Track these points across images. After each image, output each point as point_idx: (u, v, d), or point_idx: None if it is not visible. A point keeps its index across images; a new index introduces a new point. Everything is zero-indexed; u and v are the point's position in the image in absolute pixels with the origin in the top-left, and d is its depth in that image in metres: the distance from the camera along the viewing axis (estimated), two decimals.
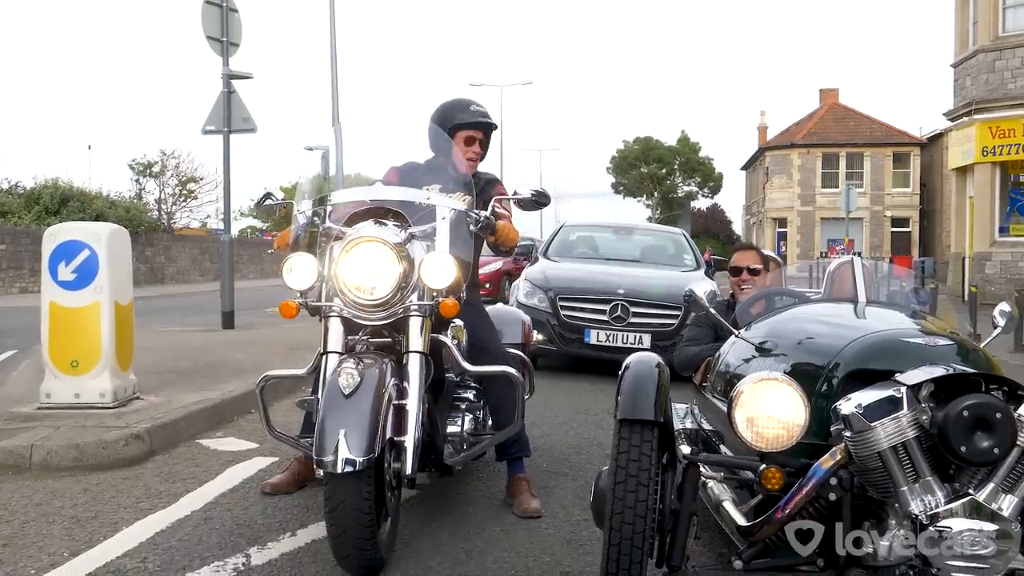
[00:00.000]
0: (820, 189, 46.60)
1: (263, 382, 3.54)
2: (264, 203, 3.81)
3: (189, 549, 3.25)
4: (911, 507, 2.34)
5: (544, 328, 8.20)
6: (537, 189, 3.86)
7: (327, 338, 3.30)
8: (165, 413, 5.22)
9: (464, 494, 4.17)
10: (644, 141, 63.39)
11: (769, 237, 49.44)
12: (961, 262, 21.52)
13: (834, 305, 3.51)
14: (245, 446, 5.00)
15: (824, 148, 46.64)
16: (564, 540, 3.49)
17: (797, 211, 47.43)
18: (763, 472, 2.45)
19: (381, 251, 3.22)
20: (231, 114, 11.46)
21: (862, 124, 47.28)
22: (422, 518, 3.73)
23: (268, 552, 3.24)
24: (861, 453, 2.37)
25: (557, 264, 9.59)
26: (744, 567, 2.56)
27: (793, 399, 2.44)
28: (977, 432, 2.26)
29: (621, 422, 2.47)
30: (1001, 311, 3.51)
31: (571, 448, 5.20)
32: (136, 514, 3.69)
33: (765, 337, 3.40)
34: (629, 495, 2.36)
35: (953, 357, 2.65)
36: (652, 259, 10.15)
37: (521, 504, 3.87)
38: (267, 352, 8.53)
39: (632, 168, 63.15)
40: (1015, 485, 2.32)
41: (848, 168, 46.25)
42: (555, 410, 6.46)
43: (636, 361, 2.69)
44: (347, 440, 2.82)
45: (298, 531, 3.48)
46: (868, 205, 45.42)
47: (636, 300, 8.29)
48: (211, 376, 6.81)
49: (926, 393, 2.38)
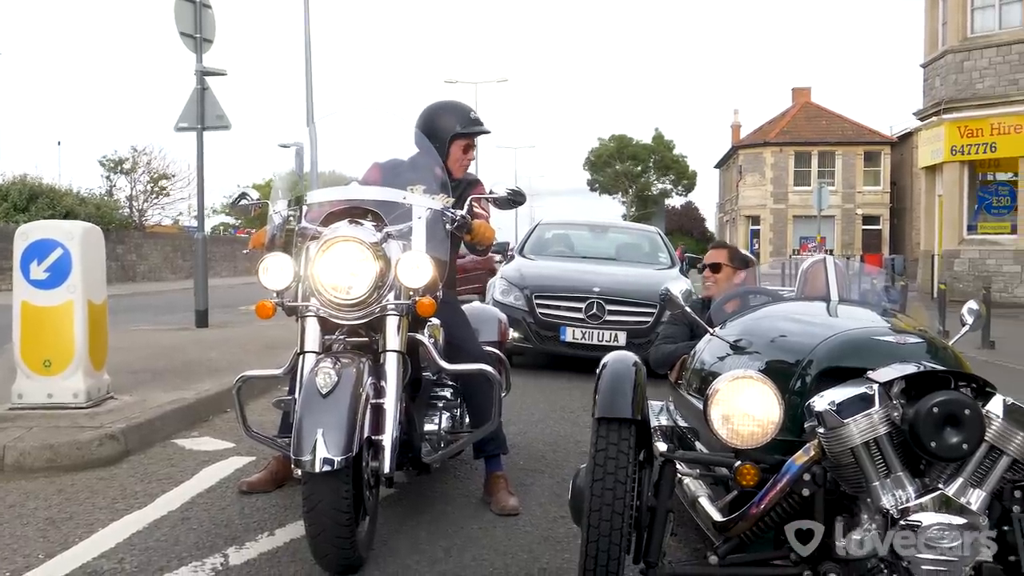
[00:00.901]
0: (792, 187, 46.92)
1: (240, 382, 3.54)
2: (239, 203, 3.81)
3: (166, 549, 3.25)
4: (883, 502, 2.38)
5: (520, 326, 8.25)
6: (513, 188, 3.88)
7: (304, 338, 3.30)
8: (140, 413, 5.19)
9: (442, 492, 4.18)
10: (619, 139, 63.77)
11: (742, 235, 49.73)
12: (930, 260, 21.80)
13: (807, 303, 3.56)
14: (221, 446, 4.98)
15: (796, 147, 46.95)
16: (542, 537, 3.52)
17: (770, 209, 47.73)
18: (738, 469, 2.49)
19: (357, 250, 3.23)
20: (204, 111, 11.40)
21: (834, 123, 47.66)
22: (400, 517, 3.75)
23: (246, 552, 3.24)
24: (834, 449, 2.41)
25: (533, 262, 9.62)
26: (720, 562, 2.59)
27: (768, 397, 2.48)
28: (947, 428, 2.30)
29: (599, 420, 2.49)
30: (969, 309, 3.57)
31: (548, 446, 5.23)
32: (112, 515, 3.67)
33: (739, 335, 3.45)
34: (607, 492, 2.39)
35: (923, 355, 2.70)
36: (627, 257, 10.20)
37: (499, 502, 3.89)
38: (242, 351, 8.50)
39: (607, 166, 63.49)
40: (983, 480, 2.36)
41: (820, 166, 46.60)
42: (531, 408, 6.49)
43: (614, 360, 2.72)
44: (325, 439, 2.83)
45: (276, 530, 3.48)
46: (840, 203, 45.76)
47: (612, 298, 8.34)
48: (186, 375, 6.77)
49: (897, 390, 2.43)
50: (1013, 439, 2.35)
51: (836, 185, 45.56)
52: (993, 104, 19.65)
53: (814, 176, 45.64)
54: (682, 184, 65.21)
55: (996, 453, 2.36)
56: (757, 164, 48.29)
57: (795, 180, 47.05)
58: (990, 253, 20.12)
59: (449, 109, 4.22)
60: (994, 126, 19.76)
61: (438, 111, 4.19)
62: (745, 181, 48.90)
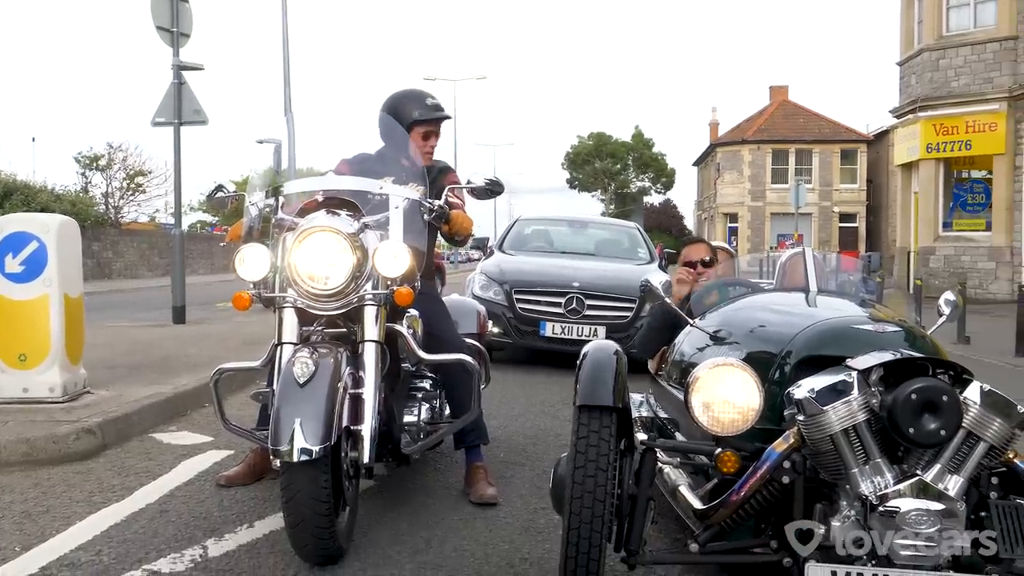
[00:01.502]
0: (770, 185, 47.15)
1: (217, 375, 3.52)
2: (216, 196, 3.78)
3: (144, 542, 3.22)
4: (861, 488, 2.39)
5: (500, 321, 8.24)
6: (490, 178, 3.87)
7: (281, 329, 3.29)
8: (117, 407, 5.15)
9: (422, 484, 4.17)
10: (598, 137, 63.93)
11: (720, 232, 49.90)
12: (906, 256, 21.98)
13: (786, 294, 3.58)
14: (199, 439, 4.95)
15: (774, 144, 47.20)
16: (522, 528, 3.52)
17: (748, 206, 47.95)
18: (719, 456, 2.50)
19: (334, 241, 3.22)
20: (181, 106, 11.32)
21: (811, 121, 47.95)
22: (381, 508, 3.73)
23: (225, 544, 3.22)
24: (814, 436, 2.42)
25: (512, 257, 9.62)
26: (700, 550, 2.60)
27: (748, 384, 2.49)
28: (925, 414, 2.32)
29: (580, 408, 2.50)
30: (946, 300, 3.60)
31: (528, 439, 5.23)
32: (89, 508, 3.64)
33: (719, 326, 3.46)
34: (588, 480, 2.39)
35: (901, 343, 2.72)
36: (606, 252, 10.21)
37: (478, 491, 3.89)
38: (220, 347, 8.44)
39: (586, 163, 63.63)
40: (960, 466, 2.38)
41: (797, 164, 46.84)
42: (511, 402, 6.49)
43: (595, 349, 2.72)
44: (303, 429, 2.81)
45: (255, 522, 3.46)
46: (817, 201, 46.02)
47: (591, 293, 8.36)
48: (163, 371, 6.72)
49: (876, 378, 2.44)
50: (990, 425, 2.37)
51: (813, 183, 45.83)
52: (968, 102, 19.83)
53: (791, 174, 45.86)
54: (661, 182, 65.47)
55: (973, 439, 2.38)
56: (735, 162, 48.52)
57: (773, 178, 47.28)
58: (965, 250, 20.31)
59: (407, 97, 4.18)
60: (969, 124, 19.95)
61: (397, 100, 4.16)
62: (723, 179, 49.12)
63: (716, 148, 50.64)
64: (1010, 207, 19.47)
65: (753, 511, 2.56)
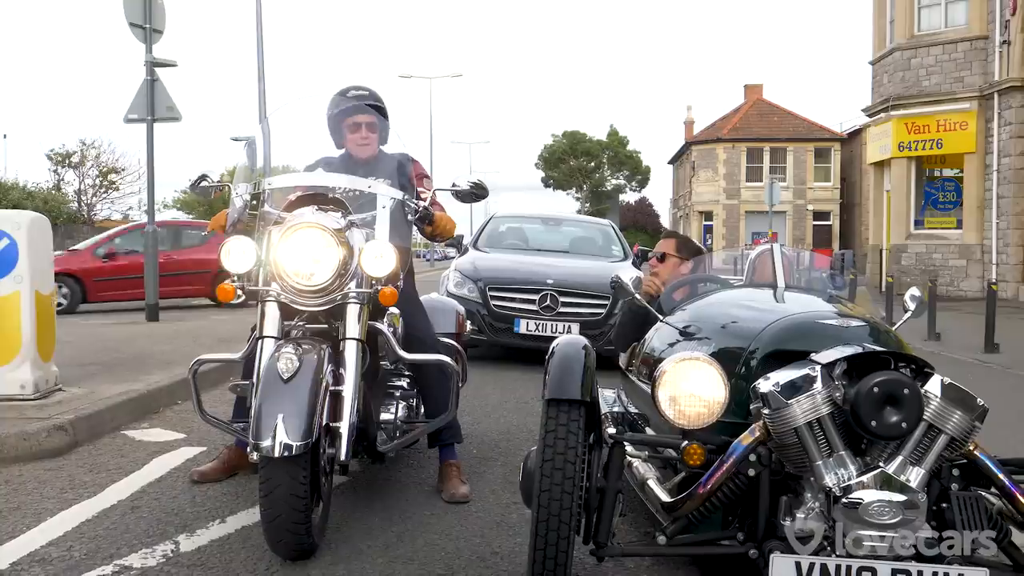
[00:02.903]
0: (745, 183, 47.40)
1: (196, 366, 3.53)
2: (200, 184, 3.77)
3: (116, 537, 3.22)
4: (825, 480, 2.44)
5: (474, 318, 8.25)
6: (475, 181, 3.88)
7: (263, 323, 3.29)
8: (89, 404, 5.13)
9: (395, 481, 4.19)
10: (572, 135, 63.98)
11: (696, 230, 50.10)
12: (879, 254, 22.19)
13: (754, 290, 3.63)
14: (172, 436, 4.94)
15: (748, 143, 47.44)
16: (494, 523, 3.55)
17: (723, 204, 48.20)
18: (685, 448, 2.54)
19: (321, 237, 3.23)
20: (154, 102, 11.25)
21: (785, 120, 48.25)
22: (352, 504, 3.75)
23: (197, 539, 3.22)
24: (779, 429, 2.47)
25: (487, 255, 9.64)
26: (668, 542, 2.64)
27: (713, 378, 2.53)
28: (886, 407, 2.36)
29: (549, 402, 2.53)
30: (911, 295, 3.67)
31: (501, 435, 5.26)
32: (60, 504, 3.63)
33: (689, 322, 3.51)
34: (556, 472, 2.42)
35: (866, 338, 2.76)
36: (581, 250, 10.25)
37: (450, 490, 3.91)
38: (194, 344, 8.42)
39: (561, 162, 63.70)
40: (922, 458, 2.44)
41: (772, 163, 47.12)
42: (485, 398, 6.51)
43: (564, 343, 2.76)
44: (285, 425, 2.82)
45: (227, 518, 3.47)
46: (791, 199, 46.34)
47: (565, 290, 8.40)
48: (136, 368, 6.69)
49: (839, 371, 2.49)
50: (950, 418, 2.42)
51: (787, 181, 46.11)
52: (939, 101, 20.04)
53: (766, 172, 46.09)
54: (636, 180, 65.68)
55: (934, 432, 2.43)
56: (710, 160, 48.74)
57: (747, 176, 47.52)
58: (936, 248, 20.53)
59: (335, 96, 4.15)
60: (940, 123, 20.16)
61: (331, 100, 4.14)
62: (698, 177, 49.34)
63: (691, 146, 50.83)
64: (981, 205, 19.70)
65: (720, 504, 2.60)
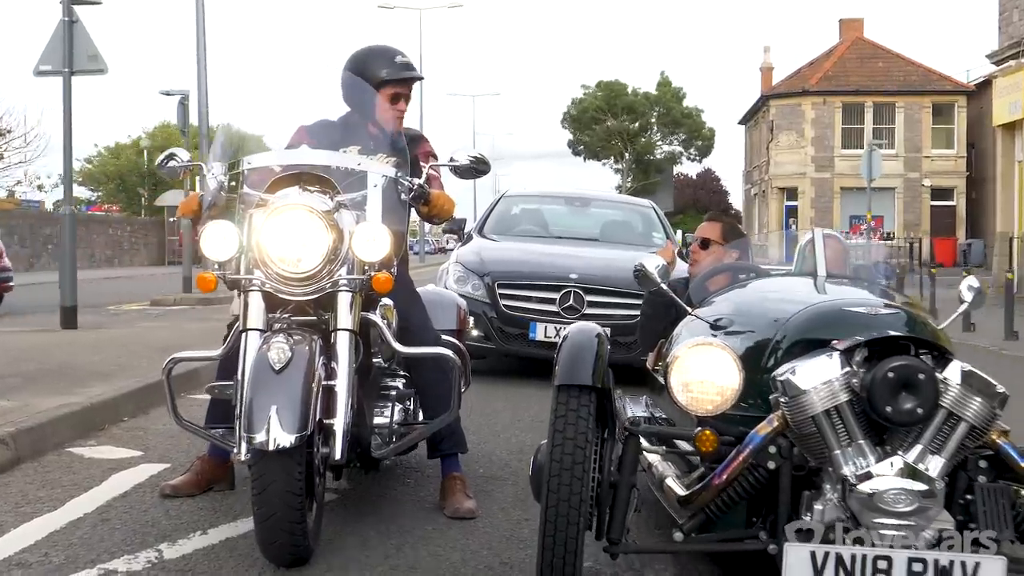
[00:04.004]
0: (840, 150, 47.95)
1: (171, 364, 4.34)
2: (167, 164, 4.56)
3: (92, 545, 4.05)
4: (843, 469, 3.23)
5: (480, 322, 8.92)
6: (475, 155, 4.69)
7: (247, 314, 4.07)
8: (27, 418, 5.96)
9: (391, 497, 5.01)
10: (610, 87, 64.59)
11: (775, 213, 50.57)
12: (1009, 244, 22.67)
13: (791, 280, 4.46)
14: (127, 454, 5.79)
15: (845, 96, 47.93)
16: (503, 537, 4.36)
17: (810, 179, 48.80)
18: (697, 435, 3.34)
19: (308, 219, 4.00)
20: (73, 50, 11.99)
21: (893, 66, 48.67)
22: (343, 519, 4.56)
23: (180, 548, 4.05)
24: (796, 418, 3.26)
25: (496, 244, 10.49)
26: (685, 539, 3.44)
27: (728, 363, 3.34)
28: (902, 393, 3.15)
29: (559, 388, 3.33)
30: (969, 286, 4.45)
31: (511, 454, 6.07)
32: (18, 518, 4.46)
33: (720, 314, 4.31)
34: (567, 458, 3.22)
35: (896, 325, 3.56)
36: (614, 238, 11.04)
37: (453, 504, 4.70)
38: (128, 354, 9.29)
39: (595, 122, 64.30)
40: (942, 447, 3.22)
41: (875, 122, 47.65)
42: (494, 416, 7.32)
43: (575, 331, 3.57)
44: (279, 417, 3.60)
45: (209, 530, 4.30)
46: (901, 171, 46.89)
47: (592, 287, 9.19)
48: (67, 380, 7.54)
49: (859, 358, 3.29)
50: (970, 405, 3.20)
51: (896, 147, 46.62)
52: None
53: (867, 136, 46.43)
54: (695, 146, 66.36)
55: (954, 420, 3.21)
56: (794, 119, 49.19)
57: (843, 140, 48.04)
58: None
59: (374, 54, 4.98)
60: None
61: (362, 58, 4.96)
62: (778, 142, 49.84)
63: (769, 101, 51.44)
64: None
65: (739, 497, 3.40)
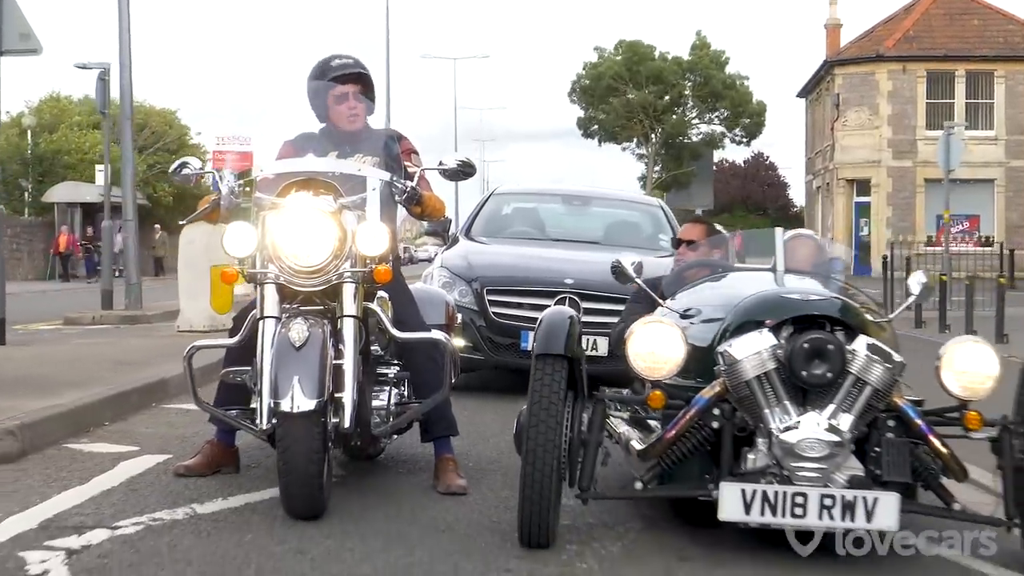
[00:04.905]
0: (924, 131, 49.09)
1: (192, 351, 6.42)
2: (181, 172, 6.71)
3: (133, 504, 6.13)
4: (771, 425, 5.32)
5: (468, 331, 10.75)
6: (463, 159, 6.82)
7: (263, 304, 6.15)
8: (23, 415, 8.02)
9: (390, 479, 7.11)
10: (632, 48, 64.18)
11: (842, 211, 51.82)
12: None
13: (753, 274, 6.57)
14: (125, 448, 7.90)
15: (930, 63, 49.62)
16: (491, 506, 6.42)
17: (886, 168, 50.55)
18: (649, 395, 5.45)
19: (317, 219, 6.09)
20: (2, 29, 13.93)
21: (991, 23, 50.53)
22: (348, 493, 6.61)
23: (209, 507, 6.12)
24: (733, 382, 5.35)
25: (484, 247, 12.55)
26: (643, 488, 5.53)
27: (674, 338, 5.45)
28: (815, 360, 5.25)
29: (537, 357, 5.43)
30: (916, 280, 6.57)
31: (501, 453, 8.11)
32: (54, 490, 6.50)
33: (688, 305, 6.43)
34: (543, 412, 5.30)
35: (819, 308, 5.63)
36: (619, 240, 12.96)
37: (445, 481, 6.79)
38: (82, 367, 11.45)
39: (612, 94, 63.59)
40: (851, 406, 5.31)
41: (969, 96, 49.39)
42: (483, 426, 9.36)
43: (551, 312, 5.72)
44: (300, 386, 5.67)
45: (229, 497, 6.36)
46: (1002, 158, 48.87)
47: (589, 292, 11.15)
48: (35, 388, 9.60)
49: (786, 334, 5.38)
50: (873, 371, 5.30)
51: (995, 128, 48.55)
52: None
53: (959, 112, 47.85)
54: (741, 125, 65.73)
55: (861, 383, 5.31)
56: (866, 91, 50.92)
57: (928, 119, 49.23)
58: None
59: (320, 63, 7.17)
60: None
61: (315, 67, 7.15)
62: (846, 121, 51.39)
63: (834, 68, 52.81)
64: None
65: (689, 452, 5.49)
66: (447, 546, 5.60)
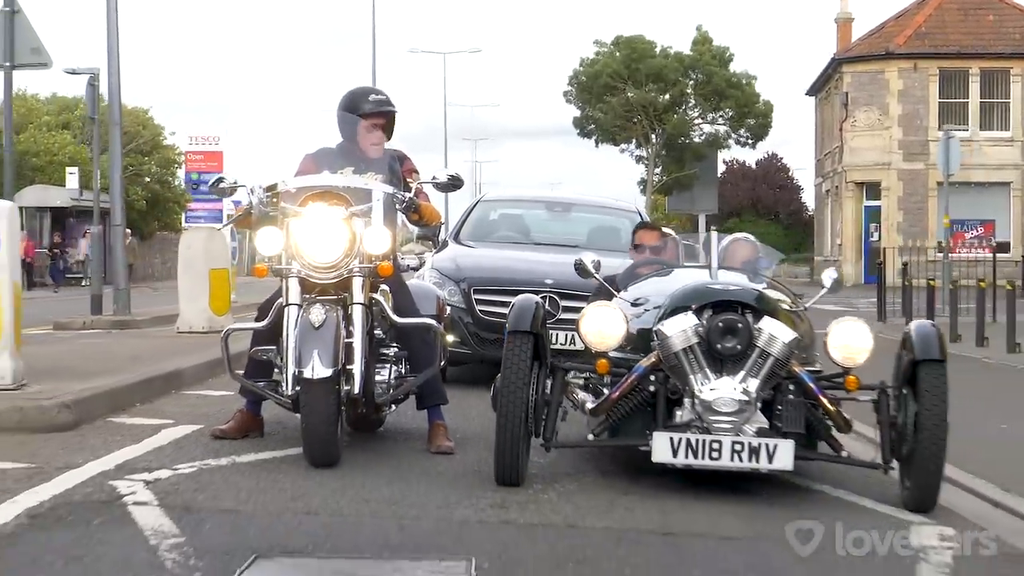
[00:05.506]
0: (937, 133, 47.51)
1: (227, 332, 8.58)
2: (219, 186, 8.89)
3: (183, 454, 8.27)
4: (694, 388, 7.46)
5: (457, 327, 12.83)
6: (452, 174, 9.03)
7: (287, 294, 8.27)
8: (69, 393, 10.11)
9: (388, 444, 9.23)
10: (631, 44, 64.30)
11: (851, 216, 53.64)
12: None
13: (692, 270, 8.77)
14: (164, 421, 10.02)
15: (943, 60, 51.18)
16: (476, 459, 8.51)
17: (897, 171, 52.17)
18: (596, 363, 7.60)
19: (331, 225, 8.21)
20: (14, 43, 15.78)
21: (1008, 19, 52.05)
22: (354, 453, 8.71)
23: (247, 458, 8.24)
24: (665, 353, 7.51)
25: (471, 250, 14.66)
26: (595, 439, 7.69)
27: (616, 317, 7.63)
28: (727, 335, 7.40)
29: (509, 333, 7.58)
30: (828, 275, 8.77)
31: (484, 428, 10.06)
32: (114, 447, 8.61)
33: (637, 295, 8.60)
34: (513, 376, 7.45)
35: (733, 294, 7.77)
36: (600, 245, 14.58)
37: (436, 443, 8.96)
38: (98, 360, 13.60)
39: (610, 92, 63.53)
40: (758, 373, 7.46)
41: (984, 95, 50.93)
42: (468, 409, 11.35)
43: (521, 299, 7.90)
44: (319, 357, 7.78)
45: (260, 453, 8.47)
46: (1018, 160, 50.38)
47: (569, 291, 13.06)
48: (67, 375, 11.67)
49: (707, 316, 7.52)
50: (775, 345, 7.43)
51: (1011, 129, 50.16)
52: None
53: (974, 112, 49.53)
54: (746, 125, 64.85)
55: (765, 355, 7.46)
56: (875, 90, 52.74)
57: (941, 119, 49.75)
58: None
59: (356, 94, 9.45)
60: None
61: (348, 98, 9.42)
62: (854, 121, 53.08)
63: (842, 66, 54.41)
64: None
65: (630, 411, 7.65)
66: (438, 484, 7.74)
